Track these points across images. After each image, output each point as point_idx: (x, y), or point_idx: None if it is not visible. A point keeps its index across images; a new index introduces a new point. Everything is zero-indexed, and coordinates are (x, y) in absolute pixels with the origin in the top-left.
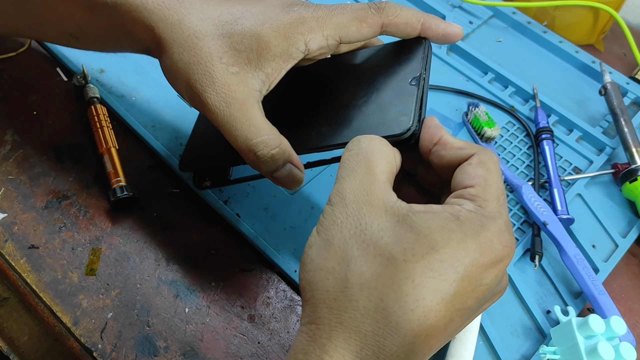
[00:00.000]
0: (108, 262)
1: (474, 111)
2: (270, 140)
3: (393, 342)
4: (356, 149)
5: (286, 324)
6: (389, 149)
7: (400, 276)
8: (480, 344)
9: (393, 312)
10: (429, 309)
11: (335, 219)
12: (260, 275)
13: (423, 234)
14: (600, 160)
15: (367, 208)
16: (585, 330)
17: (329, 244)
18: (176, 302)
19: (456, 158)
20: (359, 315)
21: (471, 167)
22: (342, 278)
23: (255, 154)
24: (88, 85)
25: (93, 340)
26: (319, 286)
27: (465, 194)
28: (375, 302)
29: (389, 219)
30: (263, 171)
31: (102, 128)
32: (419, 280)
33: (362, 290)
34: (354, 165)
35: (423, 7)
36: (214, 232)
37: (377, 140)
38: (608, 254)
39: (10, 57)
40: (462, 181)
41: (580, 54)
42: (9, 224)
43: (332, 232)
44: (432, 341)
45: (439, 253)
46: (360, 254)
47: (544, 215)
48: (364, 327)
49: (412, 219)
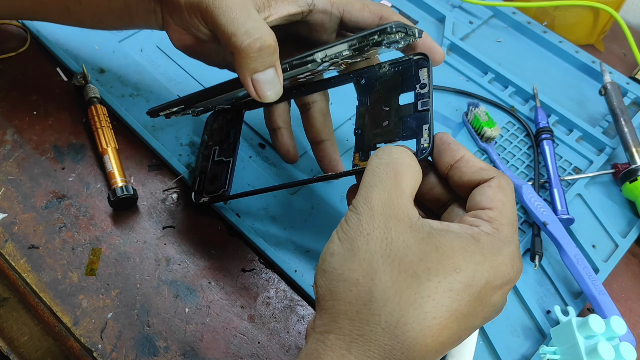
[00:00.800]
0: (108, 262)
1: (474, 111)
2: (266, 34)
3: (408, 356)
4: (387, 159)
5: (286, 324)
6: (417, 164)
7: (422, 294)
8: (480, 344)
9: (412, 328)
10: (443, 327)
11: (362, 230)
12: (260, 275)
13: (447, 254)
14: (600, 160)
15: (393, 222)
16: (585, 330)
17: (354, 254)
18: (176, 302)
19: (477, 178)
20: (380, 329)
21: (491, 190)
22: (367, 292)
23: (248, 41)
24: (88, 85)
25: (93, 340)
26: (341, 297)
27: (483, 215)
28: (397, 317)
29: (413, 236)
30: (248, 67)
31: (102, 128)
32: (438, 299)
33: (386, 305)
34: (383, 175)
35: (423, 7)
36: (214, 232)
37: (408, 153)
38: (608, 254)
39: (10, 57)
40: (481, 202)
41: (580, 54)
42: (9, 224)
43: (357, 243)
44: (438, 356)
45: (460, 275)
46: (386, 269)
47: (544, 215)
48: (384, 341)
49: (436, 238)
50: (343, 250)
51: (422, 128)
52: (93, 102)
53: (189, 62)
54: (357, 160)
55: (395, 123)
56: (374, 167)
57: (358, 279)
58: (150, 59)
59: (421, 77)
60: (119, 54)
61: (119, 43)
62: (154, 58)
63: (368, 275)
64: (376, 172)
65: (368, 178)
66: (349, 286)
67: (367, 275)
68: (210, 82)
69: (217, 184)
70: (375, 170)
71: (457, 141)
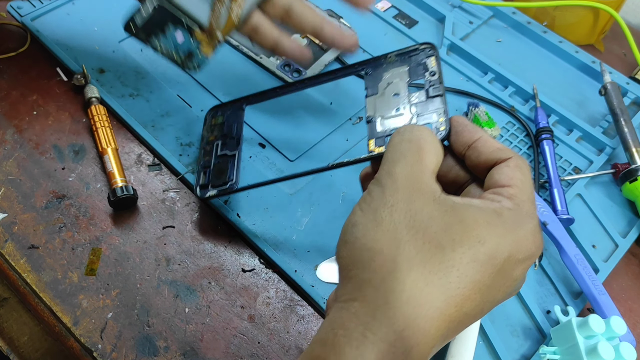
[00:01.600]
0: (108, 262)
1: (474, 111)
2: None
3: (432, 324)
4: (409, 135)
5: (286, 324)
6: (438, 142)
7: (447, 264)
8: (480, 344)
9: (436, 297)
10: (467, 297)
11: (385, 201)
12: (260, 275)
13: (471, 226)
14: (600, 160)
15: (417, 194)
16: (585, 330)
17: (378, 224)
18: (176, 302)
19: (494, 157)
20: (405, 297)
21: (509, 169)
22: (391, 260)
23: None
24: (88, 85)
25: (93, 340)
26: (365, 266)
27: (503, 192)
28: (422, 286)
29: (437, 208)
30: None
31: (102, 128)
32: (463, 269)
33: (410, 274)
34: (405, 151)
35: (423, 7)
36: (214, 232)
37: (429, 131)
38: (608, 254)
39: (10, 57)
40: (500, 180)
41: (580, 54)
42: (9, 224)
43: (381, 214)
44: (460, 327)
45: (484, 246)
46: (410, 239)
47: (544, 215)
48: (408, 310)
49: (460, 211)
50: (366, 220)
51: (437, 112)
52: (93, 102)
53: None
54: (372, 146)
55: (408, 109)
56: (396, 143)
57: (382, 249)
58: (150, 59)
59: (429, 65)
60: (119, 54)
61: (119, 43)
62: (154, 58)
63: (392, 244)
64: (399, 147)
65: (391, 154)
66: (373, 255)
67: (391, 245)
68: (210, 81)
69: (224, 177)
70: (398, 146)
71: (472, 123)
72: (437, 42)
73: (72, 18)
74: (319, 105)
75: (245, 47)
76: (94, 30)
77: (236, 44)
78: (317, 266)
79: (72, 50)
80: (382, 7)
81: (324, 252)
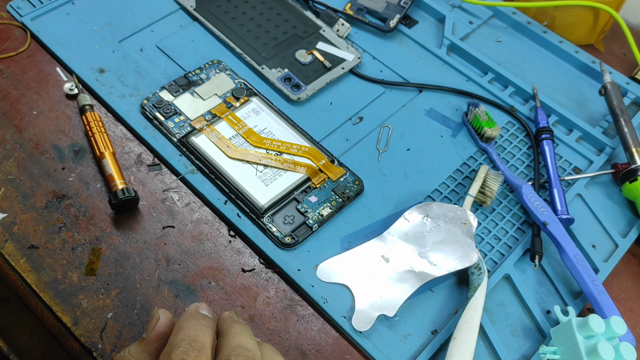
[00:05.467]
0: (108, 262)
1: (474, 111)
2: None
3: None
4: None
5: (286, 324)
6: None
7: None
8: (480, 344)
9: None
10: None
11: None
12: (260, 275)
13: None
14: (600, 160)
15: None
16: (585, 330)
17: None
18: (176, 302)
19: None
20: None
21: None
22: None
23: None
24: (80, 94)
25: (93, 340)
26: None
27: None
28: None
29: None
30: None
31: (100, 134)
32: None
33: None
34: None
35: (423, 7)
36: (214, 232)
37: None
38: (608, 254)
39: (10, 57)
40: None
41: (580, 54)
42: (9, 224)
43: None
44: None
45: None
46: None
47: (544, 215)
48: None
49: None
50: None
51: None
52: (87, 110)
53: (189, 62)
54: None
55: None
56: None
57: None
58: (150, 59)
59: None
60: (119, 54)
61: (119, 43)
62: (154, 58)
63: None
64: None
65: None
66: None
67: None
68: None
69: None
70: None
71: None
72: (437, 42)
73: (72, 18)
74: (319, 105)
75: (247, 56)
76: (94, 30)
77: (240, 52)
78: (317, 266)
79: (72, 50)
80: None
81: (324, 252)
